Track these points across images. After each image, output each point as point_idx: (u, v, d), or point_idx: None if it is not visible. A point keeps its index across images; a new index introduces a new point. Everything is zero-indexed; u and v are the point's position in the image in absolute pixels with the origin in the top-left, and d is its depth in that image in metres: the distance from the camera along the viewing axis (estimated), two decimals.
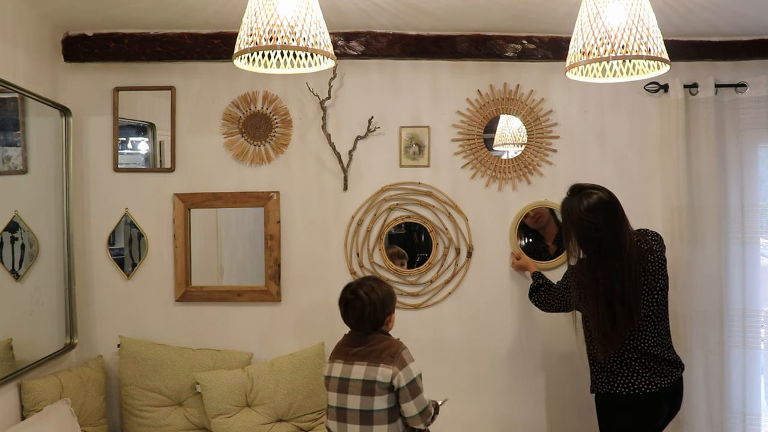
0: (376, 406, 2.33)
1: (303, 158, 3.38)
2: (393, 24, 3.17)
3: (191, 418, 3.16)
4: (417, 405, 2.35)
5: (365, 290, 2.46)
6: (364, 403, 2.33)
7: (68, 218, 3.16)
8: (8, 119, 2.84)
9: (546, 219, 3.41)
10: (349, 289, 2.50)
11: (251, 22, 2.04)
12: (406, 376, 2.34)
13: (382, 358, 2.35)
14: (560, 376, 3.39)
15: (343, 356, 2.44)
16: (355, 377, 2.36)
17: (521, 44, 3.30)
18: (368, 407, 2.33)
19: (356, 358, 2.39)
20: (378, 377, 2.33)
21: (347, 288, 2.52)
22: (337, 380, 2.41)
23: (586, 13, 2.15)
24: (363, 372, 2.35)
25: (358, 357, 2.39)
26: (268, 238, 3.35)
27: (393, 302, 2.51)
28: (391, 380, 2.33)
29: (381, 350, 2.38)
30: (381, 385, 2.33)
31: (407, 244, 3.47)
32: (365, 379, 2.34)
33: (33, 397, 2.71)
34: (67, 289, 3.15)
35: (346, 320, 2.50)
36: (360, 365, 2.37)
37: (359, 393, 2.34)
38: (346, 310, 2.48)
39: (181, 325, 3.37)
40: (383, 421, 2.33)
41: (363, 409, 2.33)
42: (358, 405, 2.34)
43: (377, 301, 2.44)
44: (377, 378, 2.33)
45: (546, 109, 3.38)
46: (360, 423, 2.34)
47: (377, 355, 2.37)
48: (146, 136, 3.47)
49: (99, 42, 3.25)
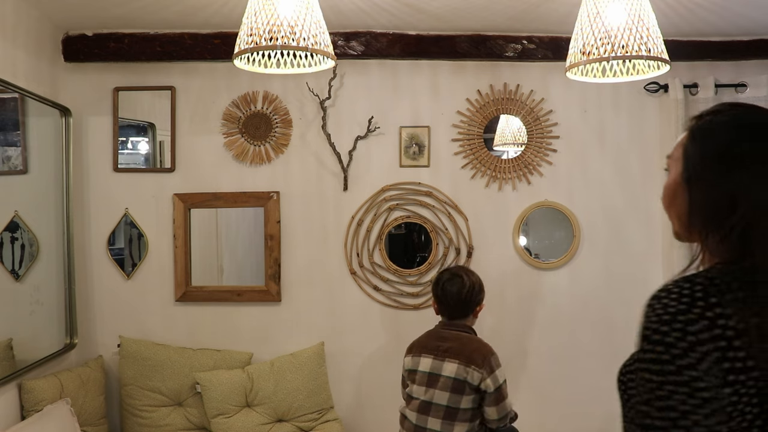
0: (463, 404, 2.40)
1: (303, 158, 3.38)
2: (393, 24, 3.17)
3: (191, 418, 3.16)
4: (499, 411, 2.43)
5: (465, 272, 2.60)
6: (452, 400, 2.40)
7: (68, 218, 3.16)
8: (8, 119, 2.84)
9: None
10: (449, 272, 2.63)
11: (251, 22, 2.04)
12: (494, 382, 2.42)
13: (473, 359, 2.42)
14: (561, 376, 3.39)
15: (432, 351, 2.49)
16: (446, 374, 2.42)
17: (521, 44, 3.30)
18: (455, 405, 2.40)
19: (448, 355, 2.45)
20: (468, 378, 2.40)
21: (445, 271, 2.65)
22: (426, 375, 2.46)
23: (586, 13, 2.15)
24: (455, 370, 2.41)
25: (449, 354, 2.45)
26: (268, 238, 3.35)
27: (484, 290, 2.61)
28: (479, 383, 2.40)
29: (471, 350, 2.45)
30: (470, 386, 2.40)
31: (407, 244, 3.47)
32: (456, 378, 2.41)
33: (33, 397, 2.71)
34: (67, 289, 3.15)
35: (443, 302, 2.57)
36: (451, 363, 2.43)
37: (449, 390, 2.41)
38: (445, 289, 2.55)
39: (181, 325, 3.37)
40: (466, 420, 2.41)
41: (450, 405, 2.41)
42: (446, 401, 2.41)
43: (476, 282, 2.58)
44: (467, 379, 2.40)
45: (546, 109, 3.38)
46: (443, 418, 2.40)
47: (468, 355, 2.43)
48: (146, 136, 3.47)
49: (99, 42, 3.25)
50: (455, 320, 2.57)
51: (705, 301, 0.95)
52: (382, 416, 3.34)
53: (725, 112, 1.09)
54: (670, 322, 0.95)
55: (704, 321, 0.94)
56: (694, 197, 1.06)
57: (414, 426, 2.48)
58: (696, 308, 0.95)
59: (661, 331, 0.95)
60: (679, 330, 0.94)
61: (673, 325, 0.95)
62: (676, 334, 0.94)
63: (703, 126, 1.09)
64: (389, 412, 3.25)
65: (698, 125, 1.10)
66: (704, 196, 1.04)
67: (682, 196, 1.09)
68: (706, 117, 1.10)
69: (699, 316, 0.94)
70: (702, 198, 1.05)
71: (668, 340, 0.95)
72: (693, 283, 0.98)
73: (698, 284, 0.97)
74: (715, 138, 1.06)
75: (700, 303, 0.95)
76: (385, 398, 3.29)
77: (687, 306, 0.95)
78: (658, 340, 0.96)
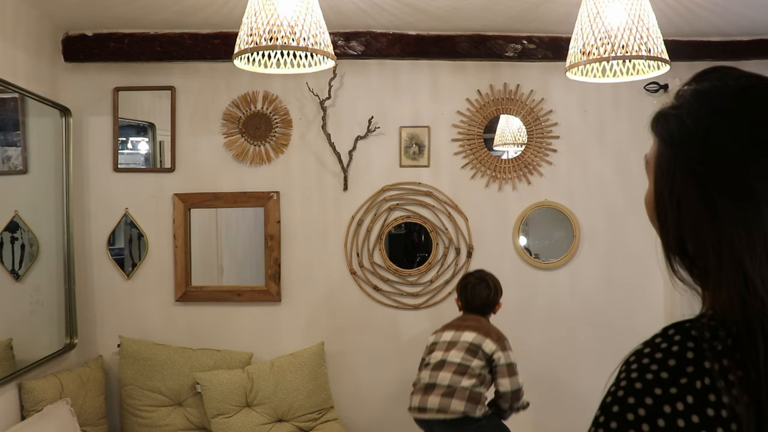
0: (474, 365, 2.60)
1: (303, 158, 3.38)
2: (393, 24, 3.17)
3: (191, 418, 3.16)
4: (512, 383, 2.63)
5: (489, 278, 2.84)
6: (465, 359, 2.60)
7: (68, 218, 3.16)
8: (8, 119, 2.84)
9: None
10: (474, 276, 2.86)
11: (251, 22, 2.04)
12: (506, 358, 2.65)
13: (490, 334, 2.67)
14: (560, 376, 3.39)
15: (454, 327, 2.74)
16: (464, 339, 2.65)
17: (521, 44, 3.30)
18: (467, 363, 2.60)
19: (467, 328, 2.69)
20: (484, 346, 2.63)
21: (470, 276, 2.87)
22: (446, 343, 2.68)
23: (586, 13, 2.15)
24: (473, 337, 2.65)
25: (469, 328, 2.69)
26: (268, 238, 3.35)
27: (501, 291, 2.87)
28: (492, 354, 2.63)
29: (489, 328, 2.71)
30: (484, 353, 2.62)
31: (407, 244, 3.47)
32: (473, 342, 2.64)
33: (33, 397, 2.71)
34: (67, 289, 3.15)
35: (471, 301, 2.80)
36: (470, 332, 2.67)
37: (464, 351, 2.62)
38: (474, 293, 2.80)
39: (181, 325, 3.37)
40: (474, 376, 2.58)
41: (462, 363, 2.60)
42: (459, 359, 2.61)
43: (498, 287, 2.85)
44: (482, 345, 2.63)
45: (546, 109, 3.38)
46: (454, 372, 2.58)
47: (486, 330, 2.68)
48: (146, 136, 3.47)
49: (99, 42, 3.25)
50: (477, 314, 2.82)
51: (695, 365, 0.70)
52: (382, 416, 3.34)
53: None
54: (640, 394, 0.70)
55: (689, 397, 0.68)
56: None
57: (425, 385, 2.63)
58: (683, 377, 0.69)
59: (626, 404, 0.71)
60: (649, 408, 0.69)
61: (645, 399, 0.70)
62: (642, 412, 0.69)
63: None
64: (389, 412, 3.26)
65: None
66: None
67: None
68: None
69: (682, 391, 0.69)
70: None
71: (629, 418, 0.70)
72: (685, 336, 0.72)
73: (691, 338, 0.72)
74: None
75: (689, 368, 0.70)
76: (385, 398, 3.29)
77: (670, 375, 0.70)
78: (616, 414, 0.71)
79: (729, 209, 0.71)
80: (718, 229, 0.71)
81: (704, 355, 0.69)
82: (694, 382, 0.69)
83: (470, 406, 2.52)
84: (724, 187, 0.71)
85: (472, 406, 2.53)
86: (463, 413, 2.51)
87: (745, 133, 0.72)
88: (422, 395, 2.60)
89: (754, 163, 0.70)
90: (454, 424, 2.54)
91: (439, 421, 2.56)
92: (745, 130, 0.72)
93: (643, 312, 3.31)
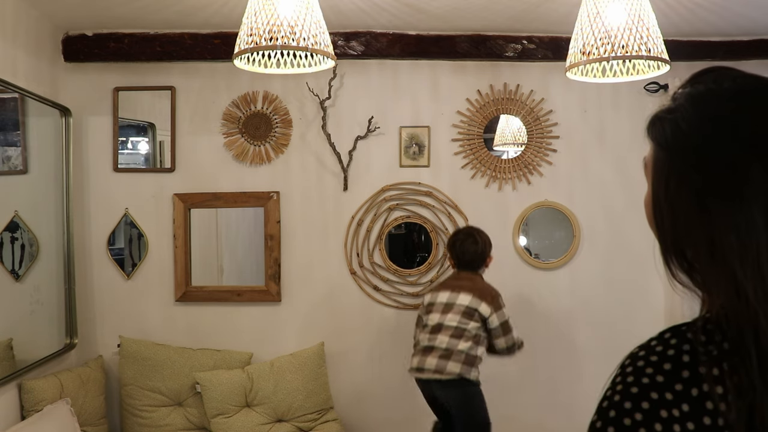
0: (470, 327, 2.76)
1: (303, 158, 3.38)
2: (393, 24, 3.17)
3: (191, 418, 3.16)
4: (507, 341, 2.83)
5: (477, 233, 2.96)
6: (462, 322, 2.76)
7: (68, 218, 3.16)
8: (8, 119, 2.84)
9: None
10: (463, 233, 2.99)
11: (251, 22, 2.04)
12: (500, 318, 2.81)
13: (485, 296, 2.81)
14: (560, 376, 3.39)
15: (449, 287, 2.87)
16: (460, 303, 2.80)
17: (521, 44, 3.30)
18: (464, 326, 2.75)
19: (462, 289, 2.83)
20: (479, 309, 2.78)
21: (459, 233, 3.00)
22: (443, 304, 2.82)
23: (586, 13, 2.15)
24: (468, 300, 2.79)
25: (464, 289, 2.83)
26: (268, 238, 3.35)
27: (491, 245, 2.98)
28: (488, 317, 2.79)
29: (483, 289, 2.85)
30: (480, 315, 2.79)
31: (407, 244, 3.47)
32: (469, 306, 2.78)
33: (33, 397, 2.71)
34: (67, 289, 3.15)
35: (461, 257, 2.92)
36: (466, 295, 2.81)
37: (460, 314, 2.77)
38: (463, 249, 2.91)
39: (181, 325, 3.37)
40: (470, 340, 2.75)
41: (459, 326, 2.76)
42: (456, 322, 2.76)
43: (487, 241, 2.96)
44: (478, 309, 2.78)
45: (546, 109, 3.38)
46: (451, 336, 2.74)
47: (480, 291, 2.83)
48: (146, 136, 3.47)
49: (99, 42, 3.25)
50: (469, 270, 2.93)
51: (691, 370, 0.69)
52: (381, 416, 3.34)
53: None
54: (636, 399, 0.69)
55: (685, 405, 0.68)
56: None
57: (424, 347, 2.79)
58: (678, 383, 0.69)
59: (622, 408, 0.70)
60: (646, 412, 0.69)
61: (641, 404, 0.69)
62: (639, 417, 0.69)
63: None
64: (389, 412, 3.26)
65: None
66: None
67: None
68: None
69: (678, 398, 0.68)
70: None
71: (626, 423, 0.69)
72: (681, 339, 0.71)
73: (687, 342, 0.71)
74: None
75: (685, 373, 0.69)
76: (384, 398, 3.29)
77: (666, 378, 0.69)
78: (614, 419, 0.70)
79: (721, 215, 0.70)
80: (711, 235, 0.71)
81: (700, 360, 0.69)
82: (690, 388, 0.68)
83: (465, 369, 2.72)
84: (718, 192, 0.70)
85: (467, 368, 2.72)
86: (458, 375, 2.70)
87: (739, 139, 0.71)
88: (421, 356, 2.78)
89: (747, 170, 0.69)
90: (450, 385, 2.73)
91: (436, 381, 2.74)
92: (739, 135, 0.71)
93: (643, 312, 3.31)
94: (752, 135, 0.71)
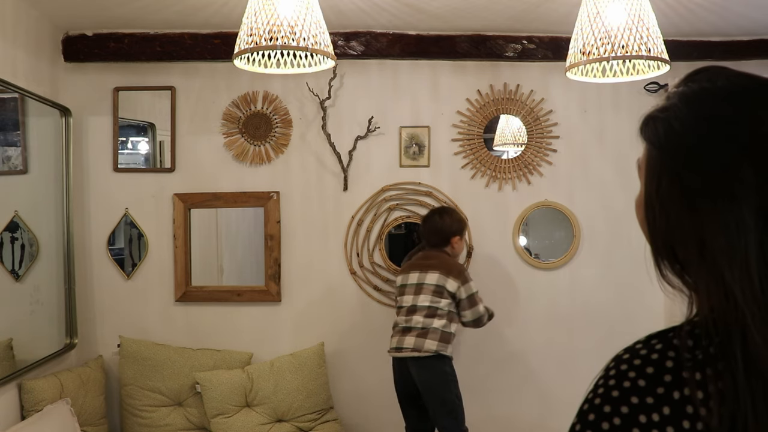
0: (441, 305, 2.88)
1: (303, 158, 3.38)
2: (393, 24, 3.17)
3: (191, 418, 3.16)
4: (472, 314, 2.93)
5: (440, 212, 3.06)
6: (434, 301, 2.88)
7: (68, 218, 3.16)
8: (8, 119, 2.84)
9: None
10: (435, 210, 3.12)
11: (251, 22, 2.04)
12: (467, 291, 2.92)
13: (451, 272, 2.92)
14: (560, 376, 3.39)
15: (418, 268, 2.97)
16: (428, 282, 2.91)
17: (521, 44, 3.30)
18: (436, 305, 2.87)
19: (430, 268, 2.93)
20: (447, 285, 2.89)
21: (434, 210, 3.12)
22: (413, 286, 2.93)
23: (586, 13, 2.15)
24: (436, 279, 2.90)
25: (431, 267, 2.93)
26: (268, 238, 3.35)
27: (461, 227, 3.05)
28: (455, 291, 2.89)
29: (449, 265, 2.95)
30: (448, 292, 2.89)
31: (407, 244, 3.47)
32: (437, 284, 2.89)
33: (33, 397, 2.71)
34: (67, 289, 3.15)
35: (426, 235, 3.04)
36: (433, 273, 2.91)
37: (431, 294, 2.89)
38: (427, 225, 3.04)
39: (181, 325, 3.37)
40: (443, 317, 2.87)
41: (432, 305, 2.88)
42: (428, 302, 2.88)
43: (456, 218, 3.04)
44: (446, 286, 2.89)
45: (546, 109, 3.38)
46: (425, 316, 2.87)
47: (447, 268, 2.93)
48: (146, 136, 3.47)
49: (99, 42, 3.25)
50: (436, 248, 3.01)
51: (673, 374, 0.68)
52: (381, 416, 3.34)
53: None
54: (616, 403, 0.69)
55: (666, 408, 0.67)
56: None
57: (402, 328, 2.91)
58: (660, 386, 0.68)
59: (602, 412, 0.70)
60: (625, 417, 0.68)
61: (620, 408, 0.69)
62: (617, 421, 0.69)
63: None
64: (389, 412, 3.26)
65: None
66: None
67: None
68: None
69: (659, 402, 0.68)
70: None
71: (604, 427, 0.69)
72: (667, 344, 0.71)
73: (672, 347, 0.71)
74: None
75: (668, 377, 0.68)
76: (384, 398, 3.29)
77: (648, 382, 0.69)
78: (592, 423, 0.70)
79: (712, 215, 0.69)
80: (701, 235, 0.70)
81: (684, 365, 0.68)
82: (672, 392, 0.68)
83: (441, 346, 2.84)
84: (709, 192, 0.70)
85: (443, 345, 2.85)
86: (435, 351, 2.82)
87: (732, 139, 0.70)
88: (400, 336, 2.91)
89: (739, 170, 0.68)
90: (427, 361, 2.84)
91: (413, 359, 2.85)
92: (732, 135, 0.70)
93: (642, 312, 3.30)
94: (745, 135, 0.70)
